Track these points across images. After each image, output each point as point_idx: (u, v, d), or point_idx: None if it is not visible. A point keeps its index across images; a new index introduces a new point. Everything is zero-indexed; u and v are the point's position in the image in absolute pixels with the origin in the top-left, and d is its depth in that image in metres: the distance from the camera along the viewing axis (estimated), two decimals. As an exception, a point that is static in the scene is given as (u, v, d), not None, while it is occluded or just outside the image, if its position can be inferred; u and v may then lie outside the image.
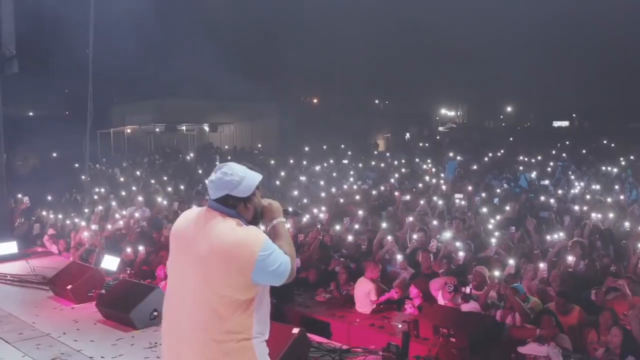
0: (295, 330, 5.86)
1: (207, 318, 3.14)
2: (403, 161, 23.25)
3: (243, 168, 3.28)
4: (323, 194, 15.88)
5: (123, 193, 16.32)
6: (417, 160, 23.69)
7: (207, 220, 3.24)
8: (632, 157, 22.43)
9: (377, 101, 56.27)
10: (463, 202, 13.50)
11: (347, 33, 37.78)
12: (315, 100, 51.19)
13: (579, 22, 39.62)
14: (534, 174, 18.08)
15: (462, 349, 6.62)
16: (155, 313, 7.14)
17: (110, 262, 9.34)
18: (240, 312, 3.15)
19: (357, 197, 15.00)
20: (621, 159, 21.95)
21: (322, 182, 17.58)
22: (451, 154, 21.62)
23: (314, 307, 8.53)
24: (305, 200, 14.96)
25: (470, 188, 15.11)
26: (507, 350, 6.79)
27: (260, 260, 3.09)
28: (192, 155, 25.46)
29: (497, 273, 7.74)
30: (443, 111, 62.89)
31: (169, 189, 17.02)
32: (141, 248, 10.06)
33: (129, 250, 10.19)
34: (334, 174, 20.08)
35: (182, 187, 17.37)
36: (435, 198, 13.99)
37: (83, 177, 16.63)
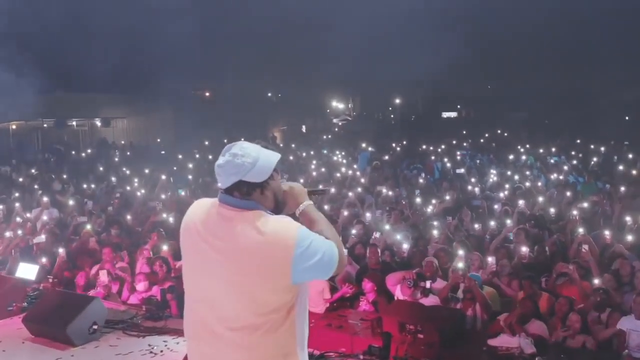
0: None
1: (243, 334, 2.64)
2: (312, 153, 22.99)
3: (256, 147, 2.74)
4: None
5: (17, 194, 14.95)
6: (325, 152, 23.51)
7: (222, 218, 2.70)
8: (527, 146, 23.31)
9: (269, 94, 55.83)
10: (390, 193, 13.37)
11: (237, 25, 37.13)
12: (207, 94, 50.02)
13: (456, 15, 40.91)
14: (448, 164, 18.32)
15: (432, 344, 6.36)
16: (95, 327, 6.36)
17: (27, 271, 8.30)
18: (281, 321, 2.66)
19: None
20: (519, 147, 22.77)
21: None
22: (363, 145, 21.64)
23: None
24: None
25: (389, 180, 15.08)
26: (477, 343, 6.62)
27: (299, 255, 2.58)
28: (89, 151, 23.92)
29: (460, 265, 7.55)
30: (334, 103, 63.38)
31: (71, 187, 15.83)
32: (61, 251, 9.07)
33: (44, 257, 9.21)
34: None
35: (84, 185, 16.16)
36: (360, 190, 13.77)
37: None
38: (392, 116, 59.16)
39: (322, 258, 2.64)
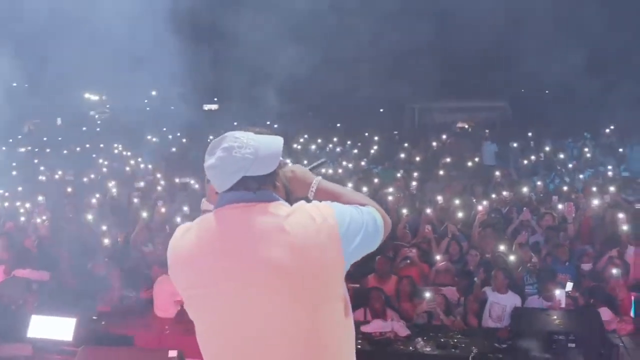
0: (173, 354, 4.67)
1: (313, 351, 2.14)
2: (88, 146, 21.36)
3: (250, 134, 2.23)
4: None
5: None
6: (102, 145, 22.03)
7: (239, 220, 2.17)
8: (306, 136, 24.04)
9: (15, 84, 50.79)
10: (197, 186, 12.98)
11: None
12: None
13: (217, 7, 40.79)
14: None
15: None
16: None
17: None
18: (344, 320, 2.21)
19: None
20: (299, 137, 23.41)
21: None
22: (148, 137, 20.73)
23: (107, 318, 6.96)
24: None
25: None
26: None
27: (344, 234, 2.14)
28: None
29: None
30: (87, 95, 59.81)
31: None
32: None
33: None
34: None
35: None
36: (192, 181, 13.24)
37: None
38: (147, 109, 57.41)
39: (367, 229, 2.23)
